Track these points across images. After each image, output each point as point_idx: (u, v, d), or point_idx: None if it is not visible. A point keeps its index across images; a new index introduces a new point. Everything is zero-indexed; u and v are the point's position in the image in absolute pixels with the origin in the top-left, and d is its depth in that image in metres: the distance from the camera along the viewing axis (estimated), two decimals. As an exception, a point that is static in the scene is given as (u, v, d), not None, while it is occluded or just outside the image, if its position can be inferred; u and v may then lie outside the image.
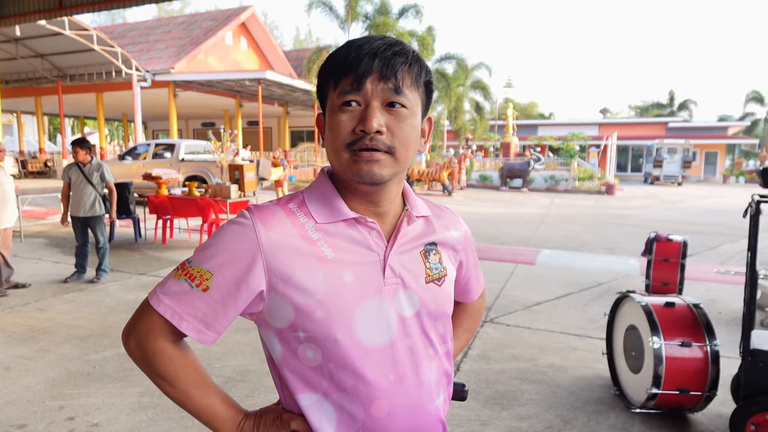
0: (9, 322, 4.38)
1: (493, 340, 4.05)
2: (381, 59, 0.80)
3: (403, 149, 0.83)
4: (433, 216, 0.97)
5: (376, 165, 0.81)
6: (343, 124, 0.81)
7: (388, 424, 0.85)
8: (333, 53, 0.85)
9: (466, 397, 1.12)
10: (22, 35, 16.15)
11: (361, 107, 0.81)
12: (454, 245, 0.99)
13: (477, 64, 24.98)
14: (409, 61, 0.83)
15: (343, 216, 0.86)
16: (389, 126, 0.81)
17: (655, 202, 16.39)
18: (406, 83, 0.82)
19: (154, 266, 6.39)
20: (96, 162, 5.63)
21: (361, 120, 0.80)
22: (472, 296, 1.14)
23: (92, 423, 2.78)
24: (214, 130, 9.88)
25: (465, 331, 1.19)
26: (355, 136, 0.81)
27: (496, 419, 2.88)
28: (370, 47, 0.81)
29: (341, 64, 0.82)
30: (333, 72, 0.83)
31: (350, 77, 0.80)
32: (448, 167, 16.95)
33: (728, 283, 5.89)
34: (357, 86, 0.80)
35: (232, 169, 8.23)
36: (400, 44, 0.83)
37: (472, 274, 1.10)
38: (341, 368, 0.83)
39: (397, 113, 0.81)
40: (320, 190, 0.89)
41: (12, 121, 27.88)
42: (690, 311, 2.89)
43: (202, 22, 23.92)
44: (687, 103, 41.13)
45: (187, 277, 0.82)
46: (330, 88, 0.84)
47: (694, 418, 2.93)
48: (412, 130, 0.84)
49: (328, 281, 0.82)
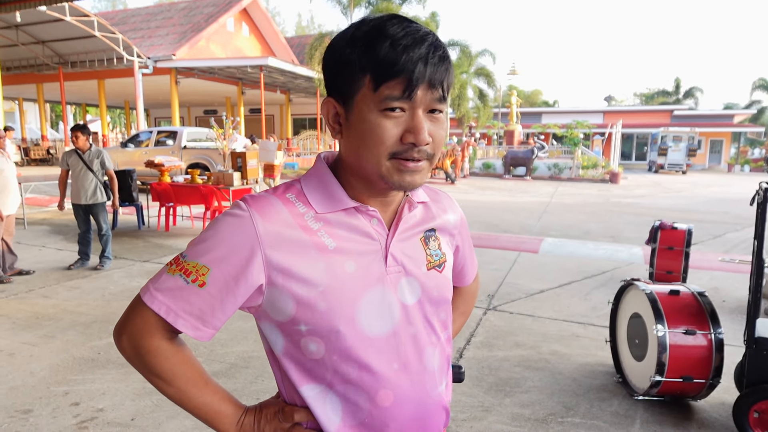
0: (13, 308, 4.40)
1: (496, 328, 4.05)
2: (431, 66, 0.77)
3: (438, 153, 0.83)
4: (430, 201, 0.97)
5: (419, 175, 0.80)
6: (389, 131, 0.77)
7: (394, 412, 0.85)
8: (367, 42, 0.77)
9: (463, 379, 1.14)
10: (23, 21, 16.05)
11: (405, 113, 0.77)
12: (451, 230, 0.99)
13: (481, 51, 24.75)
14: (450, 65, 0.81)
15: (344, 205, 0.84)
16: (431, 134, 0.79)
17: (660, 191, 16.32)
18: (447, 90, 0.81)
19: (157, 253, 6.40)
20: (95, 149, 5.61)
21: (410, 130, 0.77)
22: (467, 280, 1.15)
23: (97, 408, 2.80)
24: (216, 117, 9.84)
25: (460, 315, 1.20)
26: (402, 146, 0.78)
27: (498, 406, 2.89)
28: (420, 51, 0.76)
29: (389, 65, 0.75)
30: (373, 69, 0.76)
31: (400, 83, 0.75)
32: (452, 155, 16.89)
33: (732, 272, 5.87)
34: (408, 95, 0.76)
35: (235, 156, 8.21)
36: (441, 46, 0.79)
37: (468, 258, 1.10)
38: (345, 359, 0.82)
39: (437, 120, 0.80)
40: (318, 178, 0.87)
41: (14, 109, 27.84)
42: (695, 299, 2.88)
43: (204, 8, 23.71)
44: (693, 91, 40.78)
45: (182, 272, 0.79)
46: (365, 84, 0.78)
47: (697, 405, 2.93)
48: (446, 132, 0.85)
49: (330, 272, 0.81)
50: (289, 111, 25.76)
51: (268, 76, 20.15)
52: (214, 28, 22.01)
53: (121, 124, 39.49)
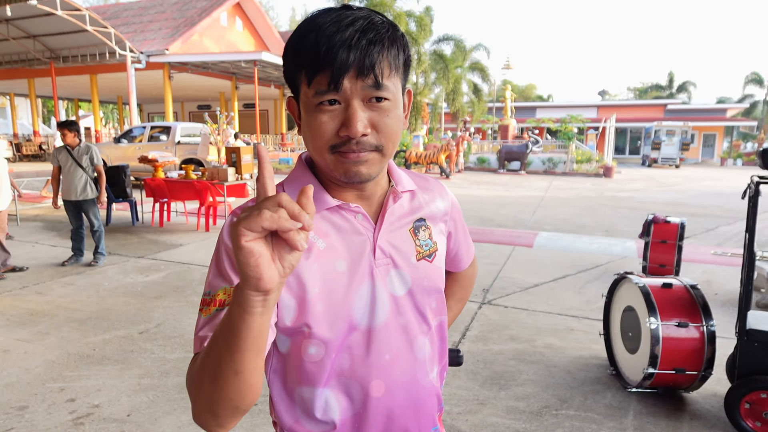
0: (7, 305, 4.38)
1: (491, 322, 4.07)
2: (356, 51, 0.72)
3: (390, 144, 0.79)
4: (418, 189, 0.95)
5: (364, 165, 0.77)
6: (324, 125, 0.75)
7: (386, 401, 0.86)
8: (298, 37, 0.76)
9: (461, 362, 1.15)
10: (14, 15, 15.89)
11: (341, 105, 0.75)
12: (442, 217, 0.97)
13: (475, 46, 24.74)
14: (386, 47, 0.75)
15: (326, 205, 0.83)
16: (374, 123, 0.76)
17: (653, 185, 16.40)
18: (385, 74, 0.75)
19: (151, 249, 6.38)
20: (85, 144, 5.58)
21: (344, 123, 0.74)
22: (462, 265, 1.13)
23: (93, 404, 2.80)
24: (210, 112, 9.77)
25: (457, 301, 1.19)
26: (339, 139, 0.75)
27: (494, 399, 2.91)
28: (342, 37, 0.72)
29: (312, 57, 0.73)
30: (303, 64, 0.75)
31: (325, 75, 0.73)
32: (446, 150, 16.88)
33: (725, 265, 5.92)
34: (334, 86, 0.73)
35: (229, 151, 8.18)
36: (373, 28, 0.74)
37: (462, 244, 1.08)
38: (340, 354, 0.83)
39: (380, 108, 0.76)
40: (299, 181, 0.86)
41: (5, 104, 27.57)
42: (687, 292, 2.90)
43: (197, 3, 23.51)
44: (686, 85, 40.93)
45: (213, 306, 0.78)
46: (302, 80, 0.77)
47: (689, 397, 2.97)
48: (397, 120, 0.79)
49: (323, 272, 0.81)
50: (283, 106, 25.64)
51: (262, 70, 20.04)
52: (207, 23, 21.84)
53: (114, 120, 39.18)
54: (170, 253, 6.19)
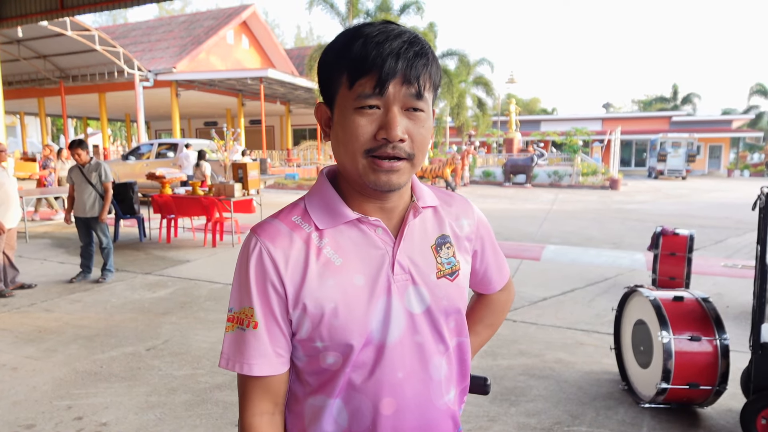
0: (16, 322, 4.39)
1: (500, 336, 4.03)
2: (404, 61, 0.75)
3: (421, 154, 0.81)
4: (443, 205, 0.94)
5: (395, 175, 0.79)
6: (363, 128, 0.77)
7: (397, 421, 0.84)
8: (344, 42, 0.79)
9: (488, 391, 1.07)
10: (24, 36, 16.16)
11: (380, 111, 0.77)
12: (468, 235, 0.96)
13: (479, 60, 24.92)
14: (430, 62, 0.79)
15: (345, 218, 0.84)
16: (409, 132, 0.78)
17: (660, 197, 16.32)
18: (426, 87, 0.79)
19: (159, 265, 6.40)
20: (95, 162, 5.66)
21: (383, 126, 0.76)
22: (493, 287, 1.08)
23: (100, 422, 2.78)
24: (216, 129, 9.86)
25: (486, 327, 1.14)
26: (376, 143, 0.77)
27: (504, 415, 2.87)
28: (391, 46, 0.75)
29: (360, 61, 0.76)
30: (348, 67, 0.77)
31: (371, 79, 0.76)
32: (451, 164, 16.91)
33: (735, 277, 5.86)
34: (379, 91, 0.75)
35: (236, 167, 8.23)
36: (419, 42, 0.79)
37: (491, 263, 1.04)
38: (354, 369, 0.83)
39: (416, 118, 0.79)
40: (320, 195, 0.87)
41: (15, 123, 27.95)
42: (699, 305, 2.87)
43: (204, 21, 23.91)
44: (691, 97, 40.89)
45: (237, 324, 0.83)
46: (342, 83, 0.79)
47: (703, 412, 2.91)
48: (428, 132, 0.81)
49: (340, 288, 0.81)
50: (289, 122, 25.85)
51: (268, 87, 20.25)
52: (214, 41, 22.17)
53: (122, 137, 39.60)
54: (177, 269, 6.20)
